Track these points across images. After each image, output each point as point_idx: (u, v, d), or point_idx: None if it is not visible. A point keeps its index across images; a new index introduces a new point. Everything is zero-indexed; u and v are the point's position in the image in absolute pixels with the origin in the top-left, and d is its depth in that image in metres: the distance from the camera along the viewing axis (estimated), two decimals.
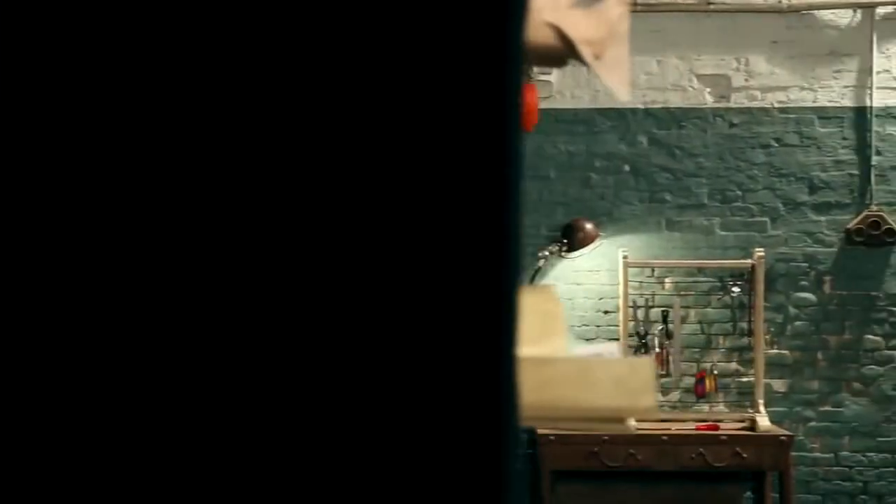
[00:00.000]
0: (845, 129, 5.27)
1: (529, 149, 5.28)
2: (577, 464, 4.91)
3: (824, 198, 5.28)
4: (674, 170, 5.33)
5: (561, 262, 5.28)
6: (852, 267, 5.25)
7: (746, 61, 5.30)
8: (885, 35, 5.23)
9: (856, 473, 5.24)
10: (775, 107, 5.29)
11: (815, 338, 5.27)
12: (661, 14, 5.30)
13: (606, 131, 5.34)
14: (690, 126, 5.32)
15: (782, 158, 5.29)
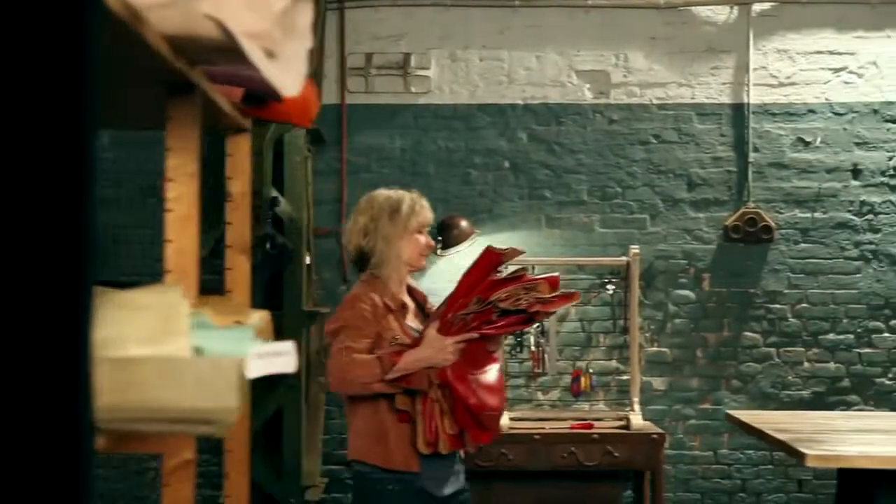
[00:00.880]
0: (723, 125, 5.27)
1: (408, 145, 5.22)
2: None
3: (703, 195, 5.27)
4: (553, 166, 5.28)
5: (440, 260, 5.21)
6: (730, 264, 5.25)
7: (625, 57, 5.27)
8: (762, 32, 5.23)
9: (734, 471, 5.24)
10: (654, 103, 5.27)
11: (694, 335, 5.25)
12: (540, 9, 5.25)
13: (485, 127, 5.28)
14: (570, 122, 5.28)
15: (661, 155, 5.27)
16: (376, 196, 3.16)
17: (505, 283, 2.91)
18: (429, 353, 2.85)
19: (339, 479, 5.21)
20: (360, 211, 3.11)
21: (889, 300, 5.23)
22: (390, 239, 3.01)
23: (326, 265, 5.23)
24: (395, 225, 3.03)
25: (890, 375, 5.23)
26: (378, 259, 3.02)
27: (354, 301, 2.97)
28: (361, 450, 2.96)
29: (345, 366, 2.84)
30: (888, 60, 5.22)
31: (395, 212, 3.06)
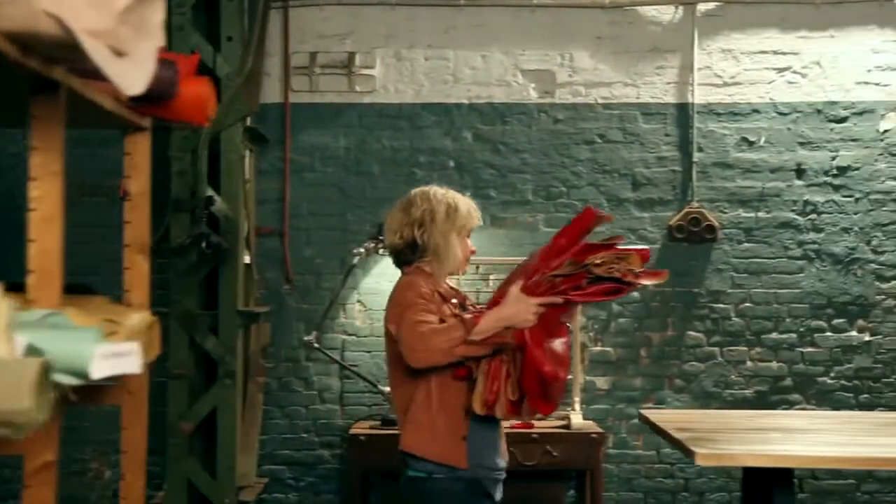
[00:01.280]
0: (668, 125, 5.27)
1: (353, 144, 5.21)
2: (387, 464, 4.81)
3: (647, 194, 5.28)
4: (498, 166, 5.28)
5: (384, 259, 5.19)
6: (674, 263, 5.24)
7: (570, 57, 5.27)
8: (707, 32, 5.24)
9: (677, 471, 5.25)
10: (599, 103, 5.27)
11: (637, 335, 5.26)
12: (485, 8, 5.25)
13: (431, 126, 5.27)
14: (515, 122, 5.28)
15: (606, 155, 5.27)
16: (433, 192, 3.10)
17: (599, 248, 2.78)
18: (511, 310, 2.73)
19: (280, 480, 5.20)
20: (415, 203, 3.06)
21: (831, 300, 5.25)
22: (448, 235, 3.00)
23: (269, 265, 5.22)
24: (453, 223, 3.01)
25: (832, 375, 5.25)
26: (434, 254, 2.99)
27: (410, 285, 2.93)
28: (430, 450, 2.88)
29: (424, 336, 2.75)
30: (832, 60, 5.23)
31: (455, 210, 3.04)
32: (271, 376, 5.20)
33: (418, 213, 3.01)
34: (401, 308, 2.87)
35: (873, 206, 5.24)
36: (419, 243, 3.00)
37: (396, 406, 3.03)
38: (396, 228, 3.05)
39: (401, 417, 2.98)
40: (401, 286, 2.98)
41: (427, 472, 2.88)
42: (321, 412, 5.24)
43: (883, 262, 5.25)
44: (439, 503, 2.87)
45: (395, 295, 2.97)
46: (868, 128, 5.24)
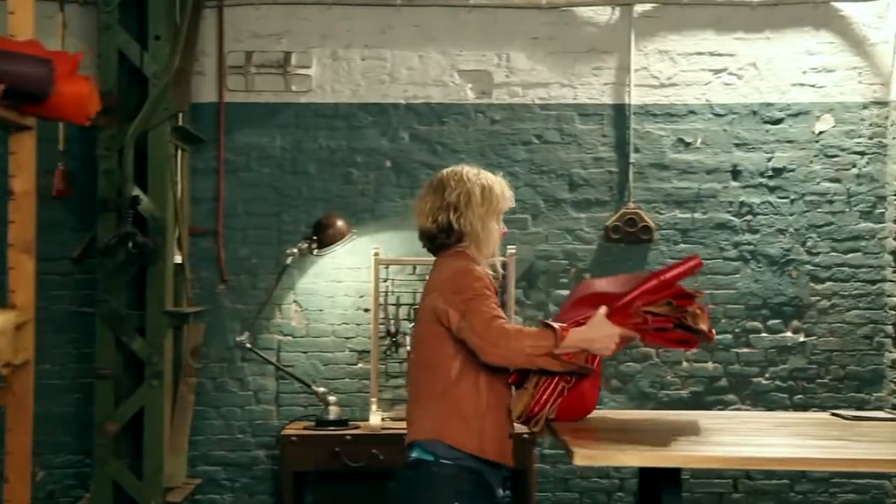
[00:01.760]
0: (605, 126, 5.28)
1: (289, 144, 5.20)
2: (319, 465, 4.81)
3: (584, 195, 5.28)
4: (435, 166, 5.25)
5: (322, 259, 5.18)
6: (611, 264, 5.26)
7: (507, 57, 5.27)
8: (643, 33, 5.25)
9: (612, 470, 5.25)
10: (536, 103, 5.27)
11: None
12: (422, 8, 5.24)
13: (367, 126, 5.26)
14: (452, 122, 5.27)
15: (543, 155, 5.27)
16: (465, 172, 3.00)
17: (691, 298, 2.83)
18: (597, 334, 2.71)
19: (215, 480, 5.18)
20: (448, 185, 2.96)
21: (767, 300, 5.27)
22: (484, 218, 2.92)
23: (204, 265, 5.19)
24: (489, 205, 2.94)
25: (767, 375, 5.26)
26: (472, 238, 2.91)
27: (470, 272, 2.83)
28: (449, 434, 2.79)
29: (509, 335, 2.69)
30: (767, 62, 5.25)
31: (490, 191, 2.96)
32: (206, 377, 5.18)
33: (453, 196, 2.92)
34: (465, 296, 2.76)
35: (808, 208, 5.26)
36: (455, 228, 2.91)
37: (422, 387, 2.88)
38: (429, 212, 2.97)
39: (425, 399, 2.86)
40: (458, 272, 2.84)
41: (435, 456, 2.79)
42: (256, 413, 5.21)
43: (818, 264, 5.27)
44: (445, 487, 2.79)
45: (453, 281, 2.83)
46: (803, 129, 5.26)
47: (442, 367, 2.81)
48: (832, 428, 2.85)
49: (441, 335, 2.80)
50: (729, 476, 5.27)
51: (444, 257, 2.96)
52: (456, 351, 2.79)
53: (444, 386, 2.81)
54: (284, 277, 5.14)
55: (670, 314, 2.77)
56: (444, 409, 2.80)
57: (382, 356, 5.06)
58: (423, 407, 2.86)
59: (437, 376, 2.83)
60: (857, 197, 5.25)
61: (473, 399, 2.78)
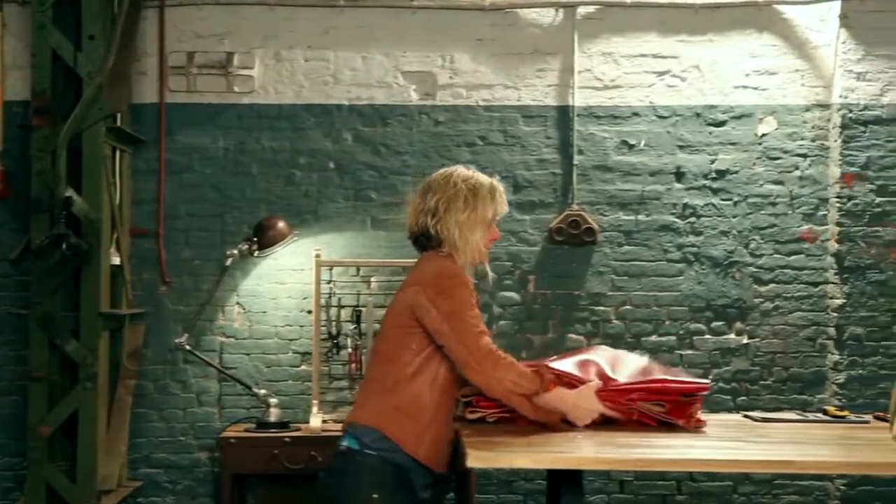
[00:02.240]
0: (549, 128, 5.28)
1: (231, 145, 5.18)
2: (258, 467, 4.80)
3: (528, 197, 5.28)
4: (379, 167, 5.26)
5: (265, 261, 5.17)
6: (555, 266, 5.26)
7: (451, 59, 5.27)
8: (587, 35, 5.25)
9: None
10: (480, 105, 5.27)
11: (519, 337, 5.26)
12: (366, 10, 5.23)
13: (311, 128, 5.24)
14: (396, 123, 5.26)
15: (487, 157, 5.27)
16: (454, 177, 2.93)
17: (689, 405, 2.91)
18: (579, 404, 2.75)
19: (156, 483, 5.15)
20: (432, 188, 2.92)
21: (710, 302, 5.27)
22: (464, 226, 2.85)
23: (146, 266, 5.16)
24: (472, 212, 2.86)
25: (710, 377, 5.27)
26: (450, 245, 2.86)
27: (457, 277, 2.81)
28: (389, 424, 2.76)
29: (499, 363, 2.69)
30: (710, 64, 5.26)
31: (474, 199, 2.88)
32: (148, 379, 5.15)
33: (433, 202, 2.89)
34: (451, 301, 2.74)
35: (751, 210, 5.27)
36: (433, 233, 2.89)
37: (376, 376, 2.86)
38: (411, 214, 2.95)
39: (375, 388, 2.83)
40: (444, 273, 2.82)
41: (361, 445, 2.77)
42: (199, 415, 5.19)
43: (761, 266, 5.28)
44: (367, 477, 2.76)
45: (438, 281, 2.80)
46: (746, 131, 5.27)
47: (400, 361, 2.79)
48: (738, 429, 2.86)
49: (409, 330, 2.78)
50: (672, 478, 5.27)
51: (431, 255, 2.93)
52: (419, 348, 2.78)
53: (398, 379, 2.79)
54: (227, 279, 5.13)
55: (658, 415, 2.83)
56: (391, 401, 2.78)
57: (324, 358, 5.05)
58: (372, 394, 2.84)
59: (392, 369, 2.81)
60: (799, 199, 5.27)
61: (423, 399, 2.77)
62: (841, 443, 2.64)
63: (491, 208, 2.89)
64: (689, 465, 2.40)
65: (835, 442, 2.65)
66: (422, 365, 2.79)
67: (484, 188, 2.89)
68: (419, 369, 2.79)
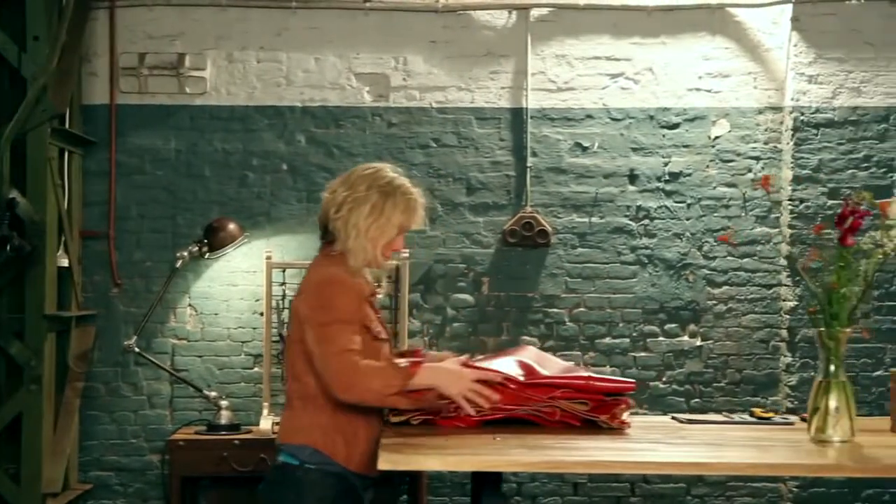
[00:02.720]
0: (502, 130, 5.27)
1: (183, 147, 5.16)
2: (208, 470, 4.77)
3: (482, 199, 5.27)
4: (332, 169, 5.24)
5: (217, 263, 5.15)
6: (509, 268, 5.26)
7: (405, 60, 5.26)
8: (540, 37, 5.25)
9: (510, 475, 5.24)
10: (433, 107, 5.26)
11: (472, 339, 5.25)
12: (319, 11, 5.22)
13: (263, 129, 5.23)
14: (349, 125, 5.25)
15: (441, 159, 5.26)
16: (374, 178, 2.77)
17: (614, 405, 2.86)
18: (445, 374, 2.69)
19: (107, 486, 5.13)
20: (348, 183, 2.77)
21: (664, 305, 5.27)
22: (362, 231, 2.71)
23: (96, 268, 5.14)
24: (376, 219, 2.71)
25: (664, 379, 5.27)
26: (342, 245, 2.72)
27: (338, 285, 2.67)
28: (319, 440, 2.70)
29: (359, 373, 2.60)
30: (663, 67, 5.26)
31: (384, 202, 2.73)
32: (99, 381, 5.13)
33: (341, 196, 2.74)
34: (325, 318, 2.64)
35: (705, 212, 5.28)
36: (329, 228, 2.77)
37: (294, 389, 2.77)
38: (324, 200, 2.81)
39: (296, 402, 2.75)
40: (326, 281, 2.70)
41: (300, 461, 2.72)
42: (150, 417, 5.17)
43: (714, 268, 5.28)
44: (309, 492, 2.71)
45: (319, 292, 2.69)
46: (699, 134, 5.27)
47: (313, 373, 2.71)
48: (661, 431, 2.85)
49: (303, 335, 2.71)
50: (626, 480, 5.27)
51: (321, 257, 2.84)
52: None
53: (316, 390, 2.71)
54: (179, 281, 5.11)
55: (582, 413, 2.82)
56: (314, 413, 2.72)
57: (276, 360, 5.02)
58: (294, 409, 2.77)
59: (307, 385, 2.73)
60: (752, 202, 5.28)
61: (345, 410, 2.69)
62: (757, 444, 2.63)
63: (400, 219, 2.76)
64: (593, 467, 2.40)
65: (752, 443, 2.65)
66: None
67: (399, 198, 2.76)
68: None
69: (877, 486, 5.17)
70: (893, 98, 5.17)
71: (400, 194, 2.76)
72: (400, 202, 2.75)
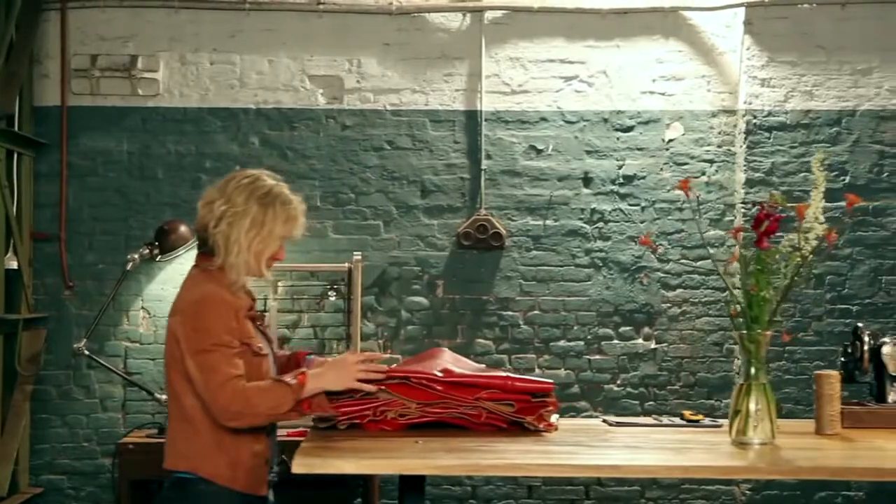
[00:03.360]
0: (457, 132, 5.27)
1: (136, 149, 5.14)
2: (156, 473, 4.71)
3: (436, 201, 5.27)
4: (286, 171, 5.11)
5: (170, 265, 5.13)
6: (464, 271, 5.26)
7: (358, 63, 5.25)
8: (494, 39, 5.25)
9: (465, 478, 5.24)
10: (388, 109, 5.26)
11: (427, 342, 5.23)
12: (272, 13, 5.21)
13: (217, 131, 5.21)
14: (303, 127, 5.24)
15: (395, 161, 5.26)
16: (253, 186, 2.66)
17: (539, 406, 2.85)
18: (330, 375, 2.65)
19: (59, 489, 5.11)
20: (226, 195, 2.65)
21: (618, 307, 5.28)
22: (244, 247, 2.60)
23: (48, 270, 5.12)
24: (258, 233, 2.61)
25: (619, 382, 5.28)
26: (224, 262, 2.61)
27: (213, 305, 2.57)
28: (201, 466, 2.60)
29: (246, 397, 2.51)
30: (617, 70, 5.27)
31: (264, 214, 2.62)
32: (51, 384, 5.10)
33: (220, 210, 2.62)
34: (204, 344, 2.53)
35: (659, 215, 5.29)
36: (209, 242, 2.64)
37: (174, 412, 2.67)
38: (200, 209, 2.68)
39: (177, 425, 2.65)
40: (203, 302, 2.59)
41: (196, 476, 2.61)
42: (102, 420, 5.15)
43: (668, 271, 5.29)
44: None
45: (195, 314, 2.58)
46: (653, 137, 5.28)
47: (193, 393, 2.60)
48: (586, 434, 2.84)
49: (179, 354, 2.59)
50: (580, 483, 5.27)
51: (198, 272, 2.72)
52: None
53: (194, 410, 2.61)
54: (132, 283, 5.09)
55: (508, 415, 2.80)
56: (194, 436, 2.62)
57: None
58: (175, 431, 2.67)
59: (185, 406, 2.63)
60: (706, 205, 5.28)
61: (225, 430, 2.60)
62: (676, 447, 2.63)
63: (281, 231, 2.66)
64: (507, 470, 2.40)
65: (671, 446, 2.64)
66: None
67: (279, 209, 2.65)
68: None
69: (829, 489, 5.19)
70: (845, 101, 5.19)
71: (280, 204, 2.66)
72: (280, 213, 2.65)
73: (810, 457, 2.56)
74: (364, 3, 5.22)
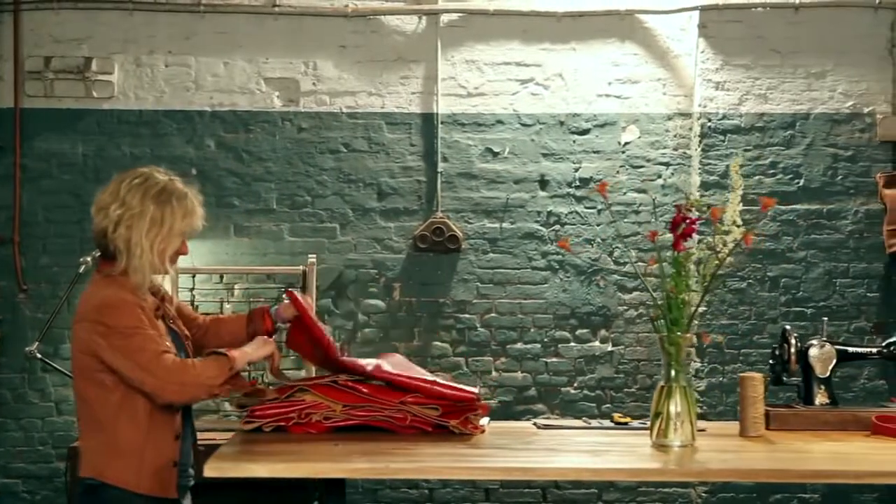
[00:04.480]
0: (413, 135, 5.27)
1: (91, 151, 5.13)
2: None
3: (393, 204, 5.27)
4: (242, 174, 5.23)
5: None
6: (420, 274, 5.25)
7: (315, 65, 5.25)
8: (450, 42, 5.25)
9: (422, 482, 5.23)
10: (344, 112, 5.25)
11: (384, 344, 5.22)
12: (227, 15, 5.20)
13: (172, 134, 5.20)
14: (259, 130, 5.24)
15: (351, 164, 5.25)
16: (146, 187, 2.63)
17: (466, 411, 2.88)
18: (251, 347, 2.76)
19: (14, 493, 5.09)
20: (120, 198, 2.62)
21: (575, 310, 5.28)
22: (146, 249, 2.58)
23: (1, 274, 5.11)
24: (158, 232, 2.60)
25: (575, 385, 5.28)
26: (128, 265, 2.59)
27: (117, 307, 2.55)
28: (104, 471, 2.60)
29: (186, 371, 2.54)
30: (573, 73, 5.27)
31: (162, 214, 2.61)
32: (5, 387, 5.09)
33: (116, 214, 2.60)
34: (122, 333, 2.53)
35: (615, 218, 5.29)
36: (110, 248, 2.61)
37: (83, 421, 2.66)
38: (95, 213, 2.66)
39: (86, 434, 2.64)
40: (107, 304, 2.57)
41: (102, 482, 2.59)
42: (58, 424, 5.13)
43: (625, 273, 5.29)
44: None
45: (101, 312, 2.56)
46: (610, 140, 5.29)
47: (99, 401, 2.60)
48: (512, 437, 2.83)
49: (95, 368, 2.59)
50: (538, 486, 5.27)
51: (99, 278, 2.69)
52: (114, 384, 2.59)
53: (102, 420, 2.60)
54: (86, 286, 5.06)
55: (433, 418, 2.82)
56: (102, 444, 2.61)
57: None
58: (86, 441, 2.66)
59: (95, 410, 2.62)
60: (662, 207, 5.28)
61: (132, 433, 2.60)
62: (595, 450, 2.63)
63: (181, 226, 2.66)
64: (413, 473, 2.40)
65: (589, 449, 2.64)
66: (122, 399, 2.60)
67: (176, 205, 2.64)
68: (120, 404, 2.60)
69: (784, 491, 5.19)
70: (799, 105, 5.20)
71: (176, 200, 2.65)
72: (178, 209, 2.64)
73: (725, 459, 2.56)
74: (320, 6, 5.21)
